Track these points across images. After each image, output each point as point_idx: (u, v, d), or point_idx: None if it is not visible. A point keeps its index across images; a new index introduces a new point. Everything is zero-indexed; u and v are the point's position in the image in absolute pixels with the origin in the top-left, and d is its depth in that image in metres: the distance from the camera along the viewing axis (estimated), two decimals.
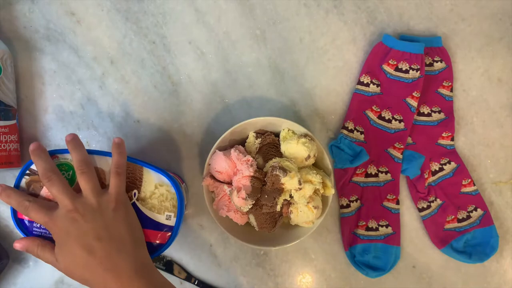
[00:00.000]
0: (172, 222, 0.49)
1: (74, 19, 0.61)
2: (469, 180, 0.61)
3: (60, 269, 0.44)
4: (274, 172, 0.50)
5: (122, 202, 0.45)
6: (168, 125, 0.61)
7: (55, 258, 0.44)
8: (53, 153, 0.49)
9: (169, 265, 0.60)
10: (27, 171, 0.48)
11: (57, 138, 0.61)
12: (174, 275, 0.60)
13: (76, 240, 0.42)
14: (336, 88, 0.62)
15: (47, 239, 0.47)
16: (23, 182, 0.48)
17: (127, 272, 0.42)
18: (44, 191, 0.48)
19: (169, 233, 0.49)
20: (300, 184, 0.50)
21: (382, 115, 0.61)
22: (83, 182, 0.45)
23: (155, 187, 0.50)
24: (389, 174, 0.61)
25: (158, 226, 0.49)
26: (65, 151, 0.49)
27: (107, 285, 0.42)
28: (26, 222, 0.48)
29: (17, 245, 0.46)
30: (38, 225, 0.48)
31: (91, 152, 0.49)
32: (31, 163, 0.48)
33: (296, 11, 0.62)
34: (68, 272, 0.44)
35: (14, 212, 0.48)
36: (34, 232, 0.48)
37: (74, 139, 0.47)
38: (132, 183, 0.49)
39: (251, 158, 0.52)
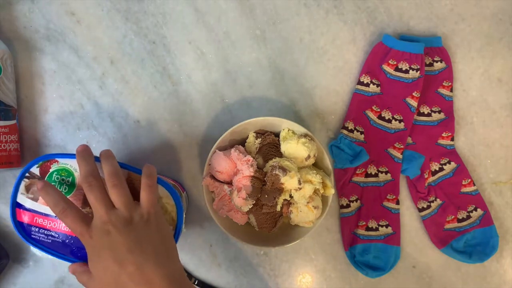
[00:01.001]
0: None
1: (74, 19, 0.61)
2: (469, 180, 0.61)
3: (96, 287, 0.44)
4: (274, 172, 0.50)
5: (154, 214, 0.44)
6: (168, 125, 0.61)
7: (93, 278, 0.43)
8: (53, 157, 0.48)
9: None
10: (27, 174, 0.48)
11: (57, 138, 0.61)
12: None
13: (109, 253, 0.41)
14: (336, 88, 0.62)
15: (47, 244, 0.47)
16: (22, 185, 0.47)
17: (160, 286, 0.40)
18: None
19: None
20: (300, 183, 0.51)
21: (382, 115, 0.61)
22: (115, 196, 0.43)
23: None
24: (389, 174, 0.61)
25: None
26: (65, 155, 0.48)
27: None
28: (25, 225, 0.48)
29: (70, 269, 0.46)
30: (36, 229, 0.48)
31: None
32: (31, 165, 0.48)
33: (296, 11, 0.62)
34: (96, 284, 0.43)
35: (13, 215, 0.48)
36: (32, 236, 0.48)
37: (105, 152, 0.46)
38: (132, 194, 0.47)
39: (251, 158, 0.52)
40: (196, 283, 0.60)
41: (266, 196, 0.51)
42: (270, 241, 0.56)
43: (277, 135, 0.56)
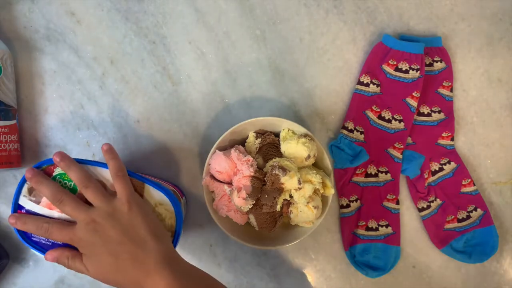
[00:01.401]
0: None
1: (74, 19, 0.61)
2: (469, 180, 0.61)
3: (93, 276, 0.45)
4: (274, 172, 0.50)
5: (134, 202, 0.46)
6: (168, 125, 0.61)
7: (86, 268, 0.45)
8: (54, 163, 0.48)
9: None
10: None
11: (57, 138, 0.61)
12: None
13: (101, 248, 0.44)
14: (336, 88, 0.62)
15: (47, 246, 0.48)
16: (25, 187, 0.48)
17: (155, 266, 0.43)
18: (45, 199, 0.48)
19: None
20: (299, 183, 0.51)
21: (382, 115, 0.61)
22: (91, 196, 0.46)
23: (154, 205, 0.49)
24: (389, 174, 0.61)
25: None
26: None
27: (139, 281, 0.43)
28: None
29: (48, 257, 0.47)
30: None
31: (87, 162, 0.48)
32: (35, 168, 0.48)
33: (296, 11, 0.62)
34: (102, 278, 0.45)
35: None
36: (33, 239, 0.48)
37: (66, 158, 0.47)
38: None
39: (251, 158, 0.52)
40: None
41: (266, 196, 0.51)
42: (270, 241, 0.56)
43: (277, 135, 0.56)
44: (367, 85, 0.61)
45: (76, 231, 0.45)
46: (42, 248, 0.48)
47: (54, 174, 0.48)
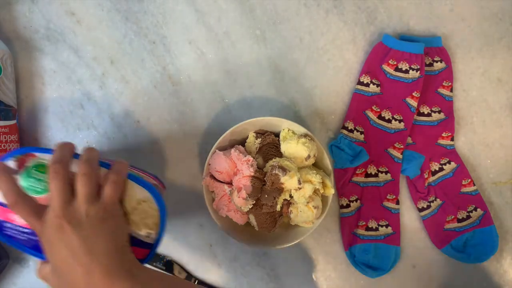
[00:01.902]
0: (151, 239, 0.46)
1: (74, 19, 0.61)
2: (469, 180, 0.61)
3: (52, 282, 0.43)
4: (274, 172, 0.50)
5: (111, 212, 0.43)
6: (168, 125, 0.61)
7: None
8: (30, 151, 0.44)
9: (169, 265, 0.60)
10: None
11: (57, 138, 0.61)
12: (174, 275, 0.60)
13: (63, 248, 0.40)
14: (336, 88, 0.62)
15: (22, 241, 0.46)
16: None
17: (110, 277, 0.40)
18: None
19: (147, 251, 0.46)
20: (299, 183, 0.51)
21: (382, 115, 0.61)
22: (80, 185, 0.42)
23: (137, 202, 0.45)
24: (389, 174, 0.61)
25: (136, 243, 0.45)
26: (43, 150, 0.45)
27: None
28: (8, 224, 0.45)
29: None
30: (9, 225, 0.45)
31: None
32: (5, 158, 0.44)
33: (296, 11, 0.62)
34: (55, 277, 0.42)
35: None
36: (5, 233, 0.45)
37: (90, 147, 0.45)
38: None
39: (251, 158, 0.52)
40: (196, 283, 0.60)
41: (266, 196, 0.51)
42: (270, 241, 0.56)
43: (277, 135, 0.56)
44: (367, 85, 0.61)
45: (43, 221, 0.41)
46: (17, 243, 0.45)
47: (28, 165, 0.44)
